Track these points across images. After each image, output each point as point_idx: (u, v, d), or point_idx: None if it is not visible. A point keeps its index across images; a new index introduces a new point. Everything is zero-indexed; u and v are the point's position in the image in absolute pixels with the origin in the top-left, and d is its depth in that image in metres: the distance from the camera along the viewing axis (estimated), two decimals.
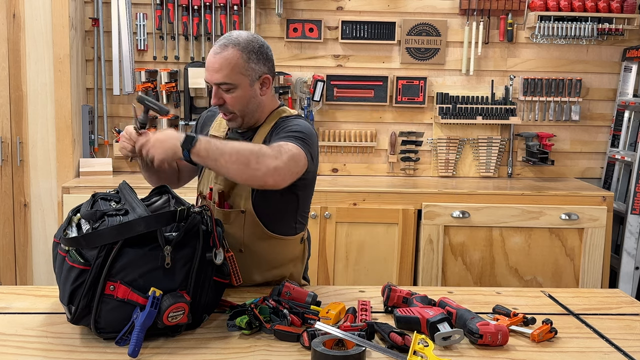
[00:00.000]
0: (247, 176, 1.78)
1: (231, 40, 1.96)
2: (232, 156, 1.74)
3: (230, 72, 1.94)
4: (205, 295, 1.71)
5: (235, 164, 1.74)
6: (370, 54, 4.08)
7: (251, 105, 2.00)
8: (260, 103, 2.03)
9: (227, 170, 1.76)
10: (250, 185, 1.92)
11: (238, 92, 1.96)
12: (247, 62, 1.95)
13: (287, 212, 2.07)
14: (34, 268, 3.92)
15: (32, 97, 3.81)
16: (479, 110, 4.04)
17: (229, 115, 2.01)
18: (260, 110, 2.04)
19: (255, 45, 1.98)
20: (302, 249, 2.16)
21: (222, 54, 1.94)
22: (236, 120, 2.02)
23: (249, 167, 1.75)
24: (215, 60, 1.95)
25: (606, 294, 2.18)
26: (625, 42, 4.10)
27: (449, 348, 1.62)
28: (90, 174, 3.87)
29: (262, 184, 1.81)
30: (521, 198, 3.66)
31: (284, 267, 2.11)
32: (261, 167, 1.76)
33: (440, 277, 3.62)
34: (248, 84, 1.97)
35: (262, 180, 1.79)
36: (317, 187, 3.66)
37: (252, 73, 1.97)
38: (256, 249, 2.04)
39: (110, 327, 1.60)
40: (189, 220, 1.67)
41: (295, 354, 1.58)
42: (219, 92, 1.97)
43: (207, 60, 1.98)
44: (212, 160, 1.75)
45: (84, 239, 1.59)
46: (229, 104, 1.98)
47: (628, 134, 4.06)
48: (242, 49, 1.95)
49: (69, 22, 3.73)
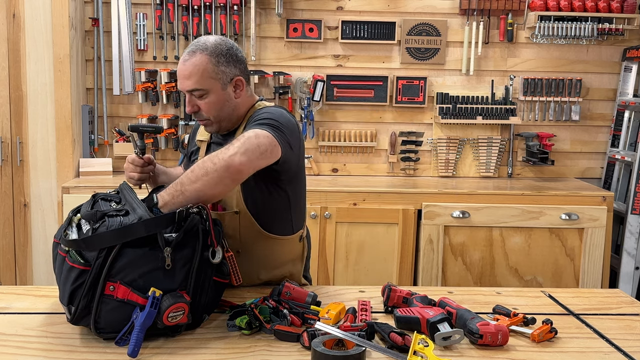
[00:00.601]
0: (214, 182, 1.71)
1: (199, 46, 1.95)
2: (190, 179, 1.70)
3: (201, 78, 1.92)
4: (205, 295, 1.71)
5: (197, 181, 1.70)
6: (370, 54, 4.08)
7: (226, 109, 1.99)
8: (235, 106, 2.01)
9: (198, 192, 1.70)
10: (230, 189, 1.84)
11: (211, 97, 1.95)
12: (217, 65, 1.94)
13: (280, 210, 2.06)
14: (34, 268, 3.92)
15: (32, 97, 3.81)
16: (479, 110, 4.04)
17: (204, 120, 2.00)
18: (236, 112, 2.03)
19: (224, 48, 1.96)
20: (301, 248, 2.16)
21: (190, 60, 1.93)
22: (212, 126, 2.01)
23: (209, 173, 1.70)
24: (184, 68, 1.93)
25: (606, 294, 2.18)
26: (625, 42, 4.10)
27: (449, 348, 1.62)
28: (90, 174, 3.87)
29: (232, 179, 1.75)
30: (521, 198, 3.66)
31: (283, 267, 2.11)
32: (218, 164, 1.70)
33: (440, 277, 3.62)
34: (220, 88, 1.96)
35: (228, 175, 1.72)
36: (317, 187, 3.70)
37: (223, 76, 1.96)
38: (254, 249, 2.04)
39: (110, 327, 1.60)
40: (188, 221, 1.67)
41: (295, 354, 1.58)
42: (192, 99, 1.96)
43: (178, 69, 1.97)
44: (181, 196, 1.70)
45: (84, 242, 1.59)
46: (204, 110, 1.97)
47: (628, 134, 4.06)
48: (210, 53, 1.94)
49: (69, 22, 3.73)
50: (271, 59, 4.05)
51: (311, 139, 4.08)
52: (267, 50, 4.04)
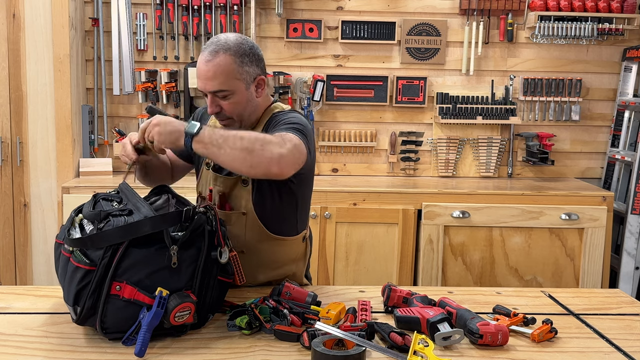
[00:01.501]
0: (251, 164, 1.73)
1: (220, 45, 1.91)
2: (235, 143, 1.71)
3: (226, 79, 1.90)
4: (210, 295, 1.71)
5: (238, 150, 1.71)
6: (370, 54, 4.08)
7: (248, 109, 1.98)
8: (257, 105, 2.01)
9: (230, 158, 1.72)
10: (253, 175, 1.86)
11: (235, 97, 1.93)
12: (241, 66, 1.91)
13: (288, 213, 2.07)
14: (34, 268, 3.92)
15: (32, 97, 3.81)
16: (479, 110, 4.04)
17: (226, 120, 1.98)
18: (256, 112, 2.03)
19: (246, 48, 1.94)
20: (304, 248, 2.16)
21: (214, 61, 1.89)
22: (234, 125, 1.99)
23: (253, 154, 1.72)
24: (208, 69, 1.89)
25: (606, 294, 2.18)
26: (625, 42, 4.10)
27: (449, 348, 1.62)
28: (90, 174, 3.87)
29: (266, 172, 1.76)
30: (521, 198, 3.66)
31: (286, 266, 2.11)
32: (265, 153, 1.72)
33: (440, 277, 3.62)
34: (244, 88, 1.94)
35: (266, 168, 1.74)
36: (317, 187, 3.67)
37: (247, 76, 1.94)
38: (258, 250, 2.04)
39: (116, 327, 1.60)
40: (194, 220, 1.67)
41: (295, 354, 1.58)
42: (215, 99, 1.93)
43: (199, 69, 1.92)
44: (215, 147, 1.72)
45: (90, 239, 1.59)
46: (227, 111, 1.95)
47: (628, 134, 4.06)
48: (234, 53, 1.91)
49: (69, 22, 3.73)
50: (271, 59, 4.05)
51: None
52: (267, 50, 4.04)
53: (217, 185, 2.04)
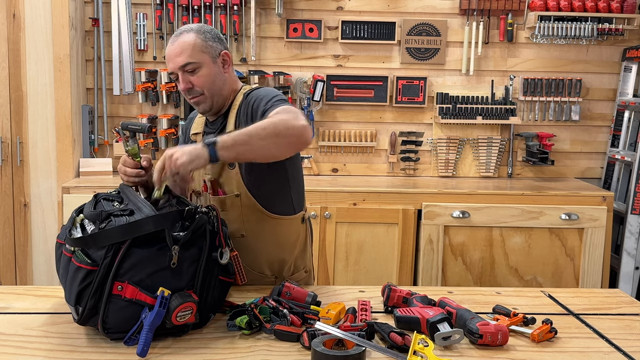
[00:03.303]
0: (286, 144, 1.82)
1: (183, 29, 2.06)
2: (259, 134, 1.76)
3: (192, 52, 2.00)
4: (211, 295, 1.72)
5: (268, 138, 1.77)
6: (370, 54, 4.09)
7: (217, 83, 2.04)
8: (225, 81, 2.07)
9: (262, 149, 1.78)
10: (287, 155, 1.93)
11: (203, 70, 2.01)
12: (205, 40, 2.02)
13: (280, 188, 2.08)
14: (34, 268, 3.92)
15: (32, 97, 3.81)
16: (479, 110, 4.04)
17: (198, 97, 2.04)
18: (226, 89, 2.07)
19: (207, 28, 2.07)
20: (304, 230, 2.18)
21: (179, 39, 2.02)
22: (205, 101, 2.04)
23: (282, 135, 1.79)
24: (174, 47, 2.02)
25: (606, 294, 2.17)
26: (625, 42, 4.10)
27: (449, 348, 1.62)
28: (90, 174, 3.87)
29: (298, 147, 1.87)
30: (521, 198, 3.66)
31: (288, 248, 2.12)
32: (292, 130, 1.81)
33: (440, 277, 3.62)
34: (211, 61, 2.02)
35: (298, 144, 1.84)
36: (317, 187, 3.71)
37: (212, 50, 2.03)
38: (258, 231, 2.05)
39: (118, 327, 1.60)
40: (196, 220, 1.67)
41: (295, 354, 1.58)
42: (185, 75, 2.02)
43: (167, 52, 2.05)
44: (242, 146, 1.75)
45: (91, 238, 1.59)
46: (197, 85, 2.02)
47: (628, 134, 4.06)
48: (197, 31, 2.04)
49: (69, 22, 3.73)
50: (271, 59, 4.05)
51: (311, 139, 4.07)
52: (267, 50, 4.04)
53: (206, 173, 2.07)
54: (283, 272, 2.13)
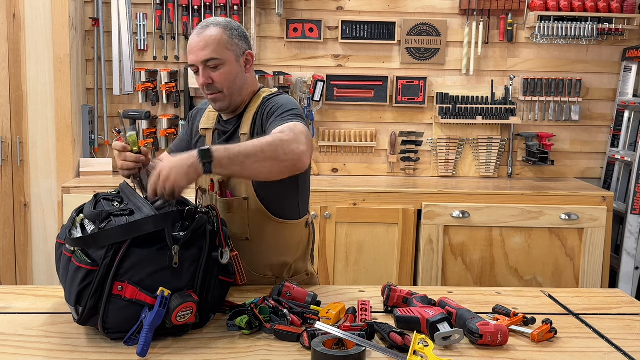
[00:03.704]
0: (279, 169, 1.77)
1: (211, 22, 2.01)
2: (257, 155, 1.72)
3: (217, 47, 1.96)
4: (211, 295, 1.72)
5: (264, 161, 1.73)
6: (370, 54, 4.09)
7: (238, 82, 2.02)
8: (245, 81, 2.05)
9: (256, 170, 1.74)
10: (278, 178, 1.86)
11: (225, 68, 1.98)
12: (231, 37, 1.99)
13: (289, 195, 2.07)
14: (34, 268, 3.92)
15: (32, 97, 3.81)
16: (479, 110, 4.04)
17: (217, 94, 2.01)
18: (245, 89, 2.05)
19: (235, 25, 2.04)
20: (307, 233, 2.17)
21: (205, 32, 1.98)
22: (223, 100, 2.02)
23: (278, 159, 1.75)
24: (199, 39, 1.97)
25: (606, 294, 2.17)
26: (625, 42, 4.10)
27: (449, 348, 1.62)
28: (90, 174, 3.87)
29: (293, 171, 1.82)
30: (521, 198, 3.66)
31: (290, 253, 2.12)
32: (290, 156, 1.76)
33: (440, 277, 3.62)
34: (234, 59, 2.00)
35: (293, 168, 1.80)
36: (317, 187, 3.70)
37: (237, 49, 2.01)
38: (262, 235, 2.05)
39: (118, 327, 1.60)
40: (196, 220, 1.67)
41: (295, 354, 1.58)
42: (207, 71, 1.98)
43: (191, 43, 1.99)
44: (237, 166, 1.71)
45: (91, 238, 1.59)
46: (217, 82, 1.99)
47: (628, 134, 4.06)
48: (224, 27, 2.00)
49: (69, 22, 3.73)
50: (271, 59, 4.05)
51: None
52: (267, 50, 4.04)
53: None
54: (283, 274, 2.13)
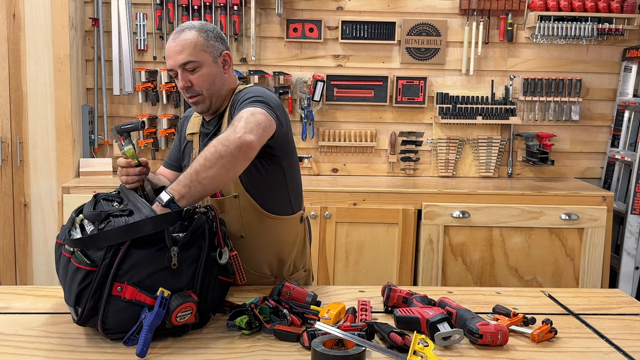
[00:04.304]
0: (230, 163, 1.71)
1: (186, 26, 2.03)
2: (205, 165, 1.69)
3: (193, 50, 1.98)
4: (211, 295, 1.72)
5: (214, 167, 1.69)
6: (370, 54, 4.08)
7: (217, 83, 2.03)
8: (224, 81, 2.06)
9: (215, 178, 1.70)
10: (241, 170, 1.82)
11: (203, 70, 2.00)
12: (207, 39, 2.01)
13: (278, 188, 2.08)
14: (34, 268, 3.92)
15: (32, 97, 3.81)
16: (479, 110, 4.04)
17: (197, 96, 2.02)
18: (224, 89, 2.06)
19: (210, 27, 2.05)
20: (303, 230, 2.18)
21: (180, 36, 2.00)
22: (204, 102, 2.03)
23: (224, 156, 1.70)
24: (175, 44, 1.99)
25: (606, 294, 2.17)
26: (625, 42, 4.10)
27: (449, 348, 1.62)
28: (90, 174, 3.87)
29: (247, 159, 1.76)
30: (521, 198, 3.66)
31: (287, 248, 2.12)
32: (231, 147, 1.70)
33: (440, 277, 3.62)
34: (212, 61, 2.01)
35: (245, 157, 1.74)
36: (317, 187, 3.70)
37: (214, 50, 2.02)
38: (257, 232, 2.05)
39: (118, 328, 1.60)
40: (194, 221, 1.67)
41: (295, 354, 1.58)
42: (185, 74, 2.00)
43: (167, 48, 2.02)
44: (196, 187, 1.69)
45: (91, 239, 1.59)
46: (196, 84, 2.00)
47: (628, 134, 4.06)
48: (199, 29, 2.02)
49: (69, 22, 3.73)
50: (271, 59, 4.05)
51: (311, 139, 4.08)
52: (267, 50, 4.04)
53: None
54: (282, 272, 2.13)
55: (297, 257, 2.17)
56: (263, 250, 2.08)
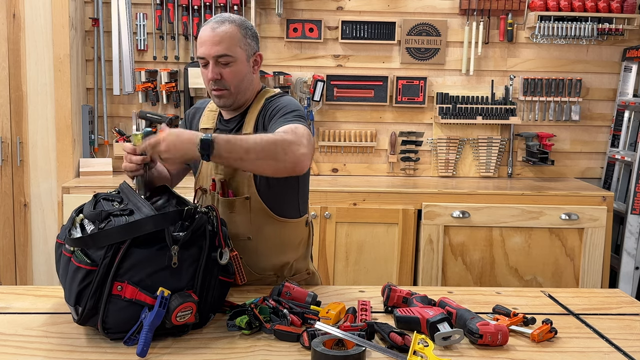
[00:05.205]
0: (277, 168, 1.79)
1: (226, 17, 2.02)
2: (257, 152, 1.74)
3: (231, 45, 1.97)
4: (211, 295, 1.72)
5: (263, 159, 1.75)
6: (370, 54, 4.08)
7: (245, 82, 2.03)
8: (251, 81, 2.06)
9: (254, 166, 1.78)
10: (276, 176, 1.91)
11: (236, 66, 1.99)
12: (245, 37, 2.01)
13: (290, 194, 2.08)
14: (34, 268, 3.92)
15: (32, 97, 3.81)
16: (479, 110, 4.04)
17: (223, 91, 2.01)
18: (250, 89, 2.06)
19: (249, 24, 2.06)
20: (307, 232, 2.18)
21: (220, 28, 1.98)
22: (229, 97, 2.02)
23: (278, 159, 1.76)
24: (214, 34, 1.97)
25: (606, 294, 2.17)
26: (625, 42, 4.10)
27: (449, 348, 1.62)
28: (90, 174, 3.87)
29: (292, 173, 1.83)
30: (521, 198, 3.66)
31: (292, 251, 2.13)
32: (289, 157, 1.77)
33: (440, 277, 3.62)
34: (245, 59, 2.01)
35: (292, 170, 1.81)
36: (317, 187, 3.70)
37: (249, 48, 2.02)
38: (264, 234, 2.05)
39: (118, 327, 1.60)
40: (195, 220, 1.67)
41: (295, 354, 1.58)
42: (217, 66, 1.98)
43: (203, 35, 1.98)
44: (236, 160, 1.75)
45: (91, 238, 1.59)
46: (226, 79, 1.99)
47: (628, 134, 4.06)
48: (239, 25, 2.01)
49: (69, 22, 3.73)
50: (271, 59, 4.05)
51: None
52: (267, 50, 4.04)
53: (218, 173, 2.04)
54: (284, 272, 2.13)
55: (300, 260, 2.17)
56: (268, 253, 2.08)
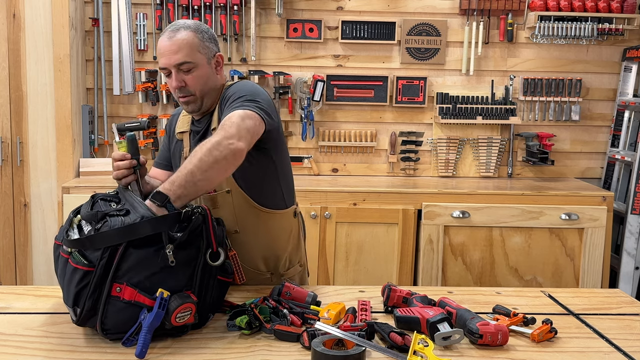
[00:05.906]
0: (224, 169, 1.78)
1: (181, 25, 2.03)
2: (201, 168, 1.72)
3: (190, 51, 1.99)
4: (210, 295, 1.72)
5: (210, 169, 1.73)
6: (370, 54, 4.08)
7: (209, 84, 2.04)
8: (216, 82, 2.07)
9: (209, 179, 1.75)
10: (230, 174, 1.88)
11: (198, 71, 2.01)
12: (202, 40, 2.02)
13: (269, 181, 2.08)
14: (34, 268, 3.92)
15: (32, 97, 3.81)
16: (479, 110, 4.04)
17: (189, 97, 2.03)
18: (215, 90, 2.07)
19: (204, 27, 2.06)
20: (297, 224, 2.19)
21: (177, 36, 1.99)
22: (195, 102, 2.04)
23: (219, 161, 1.74)
24: (171, 43, 1.98)
25: (606, 294, 2.17)
26: (625, 42, 4.10)
27: (449, 348, 1.62)
28: (90, 174, 3.86)
29: (237, 164, 1.81)
30: (521, 198, 3.66)
31: (282, 243, 2.13)
32: (226, 153, 1.75)
33: (440, 277, 3.62)
34: (206, 62, 2.03)
35: (236, 163, 1.80)
36: (317, 187, 3.71)
37: (208, 51, 2.04)
38: (251, 226, 2.06)
39: (117, 328, 1.60)
40: (192, 221, 1.67)
41: (295, 354, 1.58)
42: (180, 74, 2.00)
43: (161, 46, 2.00)
44: (195, 185, 1.72)
45: (88, 240, 1.59)
46: (190, 85, 2.01)
47: (628, 134, 4.06)
48: (195, 29, 2.02)
49: (69, 22, 3.73)
50: (271, 59, 4.05)
51: (311, 139, 4.08)
52: (267, 50, 4.04)
53: None
54: (279, 267, 2.13)
55: (293, 252, 2.18)
56: (258, 246, 2.09)
